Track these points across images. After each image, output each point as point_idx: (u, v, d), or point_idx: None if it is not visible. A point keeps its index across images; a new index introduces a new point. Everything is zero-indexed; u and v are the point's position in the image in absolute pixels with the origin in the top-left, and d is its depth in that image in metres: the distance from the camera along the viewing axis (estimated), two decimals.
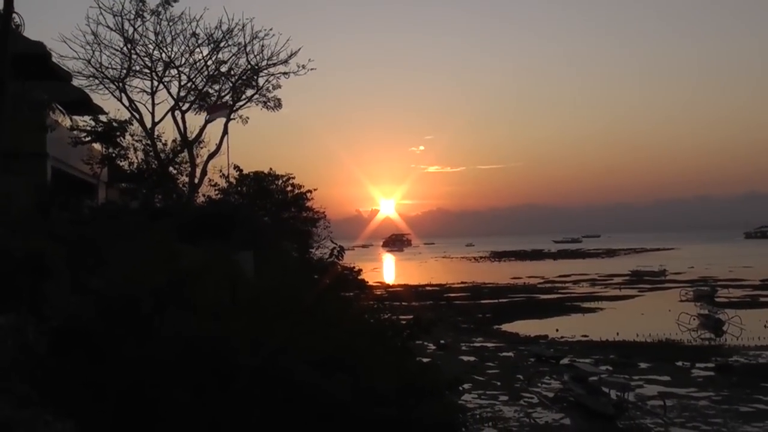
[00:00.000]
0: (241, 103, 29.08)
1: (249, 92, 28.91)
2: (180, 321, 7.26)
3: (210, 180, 26.96)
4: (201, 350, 6.88)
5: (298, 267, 14.46)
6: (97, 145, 23.31)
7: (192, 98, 27.83)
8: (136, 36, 25.73)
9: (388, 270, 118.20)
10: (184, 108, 27.41)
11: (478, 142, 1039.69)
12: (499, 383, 28.62)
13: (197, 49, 26.94)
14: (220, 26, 26.78)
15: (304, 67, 27.82)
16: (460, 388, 27.60)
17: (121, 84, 26.21)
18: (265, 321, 7.92)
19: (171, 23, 25.89)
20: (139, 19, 25.40)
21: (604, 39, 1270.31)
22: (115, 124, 21.55)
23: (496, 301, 60.77)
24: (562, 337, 40.50)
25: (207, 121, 26.89)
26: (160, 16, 25.65)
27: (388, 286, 74.49)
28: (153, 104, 26.52)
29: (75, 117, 25.48)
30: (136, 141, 24.92)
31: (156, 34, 25.91)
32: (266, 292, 9.09)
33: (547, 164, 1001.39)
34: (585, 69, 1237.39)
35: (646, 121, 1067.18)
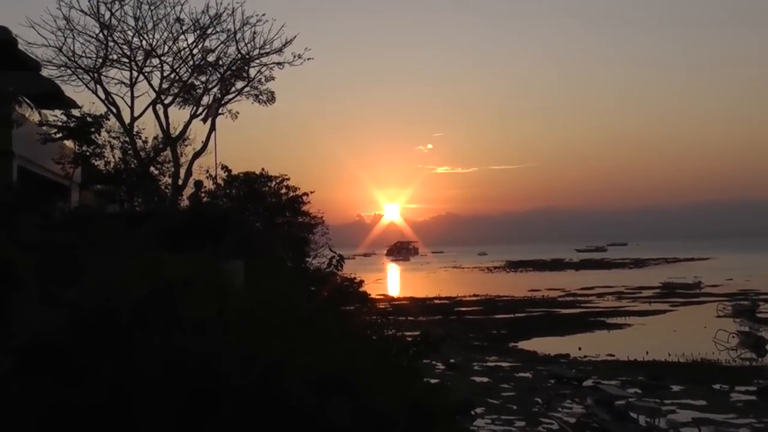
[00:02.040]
0: (230, 96, 29.09)
1: (239, 84, 28.97)
2: (162, 336, 7.26)
3: (196, 182, 27.03)
4: (186, 369, 6.89)
5: (294, 277, 14.46)
6: (69, 143, 23.42)
7: (176, 91, 27.89)
8: (114, 21, 25.79)
9: (392, 281, 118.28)
10: (166, 101, 27.44)
11: (492, 141, 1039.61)
12: (514, 407, 28.56)
13: (181, 36, 26.98)
14: (207, 11, 26.83)
15: (300, 56, 27.81)
16: (472, 413, 27.63)
17: (96, 75, 26.26)
18: (257, 337, 7.93)
19: (152, 7, 25.95)
20: (116, 2, 25.49)
21: (636, 26, 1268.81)
22: (89, 119, 21.64)
23: (512, 315, 60.78)
24: (585, 356, 40.45)
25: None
26: None
27: (393, 299, 74.56)
28: (132, 97, 26.56)
29: (44, 111, 25.59)
30: (113, 138, 25.03)
31: (136, 19, 25.98)
32: (258, 304, 9.10)
33: (568, 164, 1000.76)
34: (613, 60, 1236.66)
35: (682, 117, 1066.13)
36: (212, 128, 27.62)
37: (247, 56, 27.88)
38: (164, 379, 6.86)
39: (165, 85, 27.54)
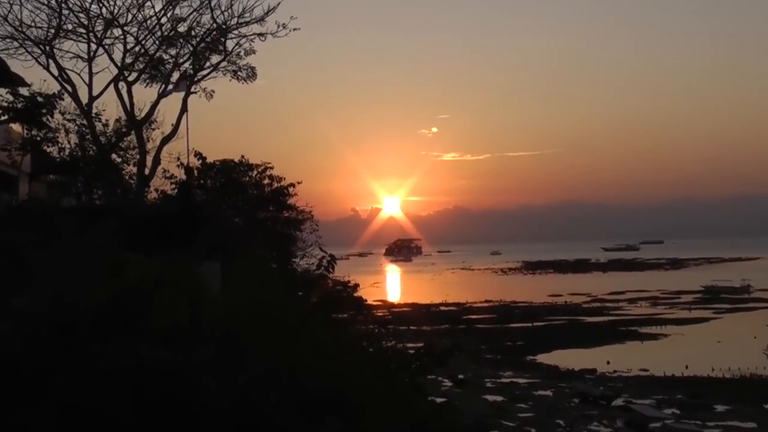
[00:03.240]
0: (204, 72, 29.14)
1: (214, 59, 28.99)
2: (126, 349, 7.27)
3: (165, 171, 27.06)
4: (154, 387, 6.90)
5: (278, 281, 14.47)
6: (16, 126, 23.36)
7: (141, 66, 27.89)
8: None
9: (392, 285, 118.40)
10: (130, 78, 27.46)
11: (507, 123, 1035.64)
12: (533, 430, 28.62)
13: (148, 3, 27.01)
14: None
15: (284, 26, 27.83)
16: None
17: (48, 48, 26.27)
18: (236, 349, 7.95)
19: None
20: None
21: None
22: (40, 99, 21.60)
23: (530, 324, 60.92)
24: (614, 371, 40.55)
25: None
26: None
27: (393, 305, 74.65)
28: (90, 74, 26.59)
29: None
30: (69, 121, 25.09)
31: None
32: (237, 312, 9.10)
33: (594, 150, 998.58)
34: (648, 28, 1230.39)
35: (727, 95, 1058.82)
36: (183, 109, 27.65)
37: (224, 26, 27.88)
38: (129, 398, 6.87)
39: (128, 60, 27.58)
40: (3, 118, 21.89)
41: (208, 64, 28.98)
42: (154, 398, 7.00)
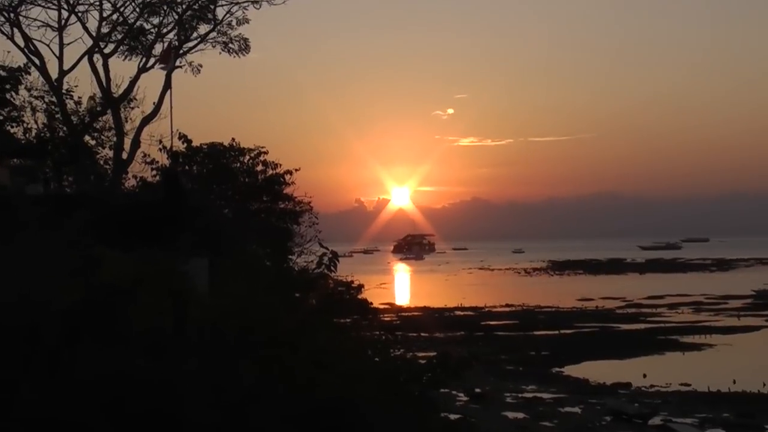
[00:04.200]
0: (191, 44, 29.12)
1: (203, 29, 28.96)
2: (101, 358, 7.25)
3: (145, 155, 27.04)
4: (134, 399, 6.88)
5: (273, 281, 14.46)
6: None
7: (119, 36, 27.88)
8: None
9: (401, 286, 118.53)
10: (106, 51, 27.48)
11: (533, 104, 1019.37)
12: None
13: None
14: None
15: None
16: None
17: (13, 15, 26.29)
18: (226, 358, 7.93)
19: None
20: None
21: None
22: (2, 74, 21.58)
23: (557, 332, 60.79)
24: (651, 386, 40.45)
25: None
26: None
27: (402, 309, 74.68)
28: (61, 45, 26.62)
29: None
30: (36, 98, 25.05)
31: None
32: (227, 316, 9.10)
33: (633, 137, 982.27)
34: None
35: None
36: (167, 86, 27.62)
37: None
38: (105, 412, 6.85)
39: (105, 29, 27.57)
40: None
41: (195, 34, 29.01)
42: (133, 412, 6.99)
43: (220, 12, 28.52)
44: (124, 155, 26.42)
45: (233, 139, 28.49)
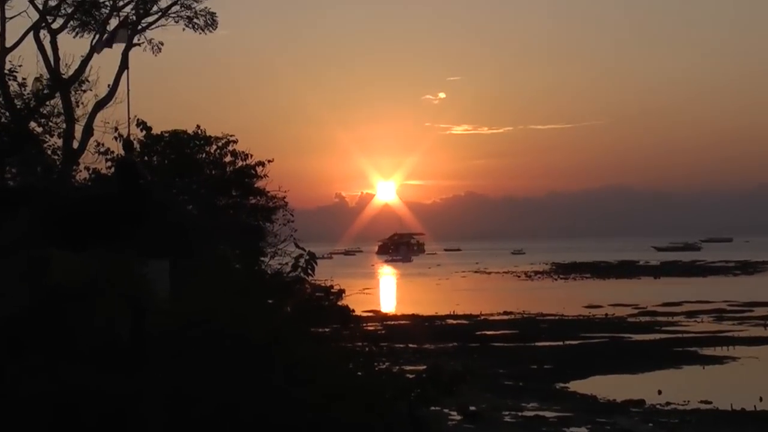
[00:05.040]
0: (150, 19, 29.03)
1: (164, 2, 28.85)
2: (48, 372, 7.23)
3: (99, 144, 26.93)
4: (85, 417, 6.87)
5: (243, 285, 14.46)
6: None
7: (69, 10, 27.75)
8: None
9: (386, 291, 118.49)
10: (55, 26, 27.34)
11: (535, 88, 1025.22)
12: None
13: None
14: None
15: None
16: None
17: None
18: (190, 373, 7.92)
19: None
20: None
21: None
22: None
23: (561, 343, 60.90)
24: (667, 404, 40.53)
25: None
26: None
27: (387, 317, 74.55)
28: (3, 19, 26.46)
29: None
30: None
31: None
32: (191, 325, 9.09)
33: (645, 124, 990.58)
34: None
35: None
36: (124, 66, 27.53)
37: None
38: (53, 431, 6.84)
39: (53, 2, 27.41)
40: None
41: (155, 8, 28.88)
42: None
43: None
44: (75, 144, 26.33)
45: (198, 127, 28.52)
